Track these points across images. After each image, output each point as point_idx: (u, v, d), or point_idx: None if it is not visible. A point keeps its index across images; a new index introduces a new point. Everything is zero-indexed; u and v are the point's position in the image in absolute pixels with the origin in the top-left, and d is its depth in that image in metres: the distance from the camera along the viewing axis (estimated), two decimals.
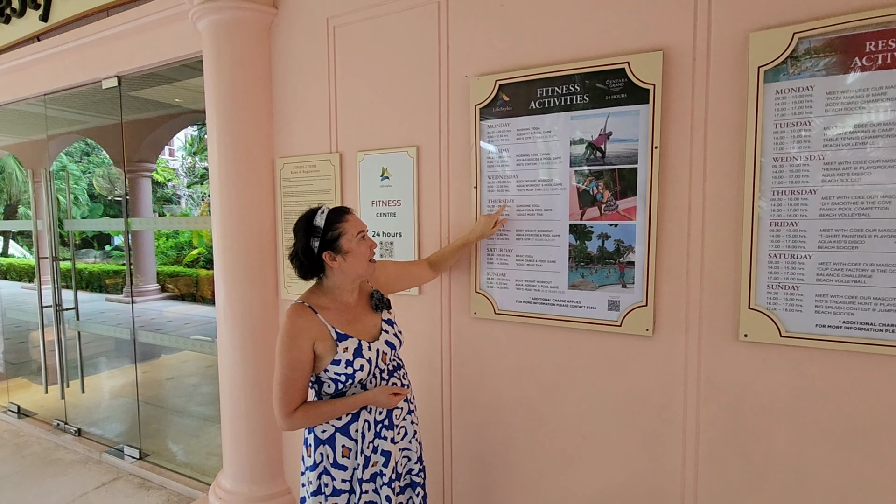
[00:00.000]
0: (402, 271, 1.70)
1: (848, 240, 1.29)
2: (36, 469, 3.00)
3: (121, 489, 2.76)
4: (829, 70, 1.28)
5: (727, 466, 1.46)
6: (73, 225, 3.32)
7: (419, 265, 1.74)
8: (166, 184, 17.77)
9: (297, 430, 1.39)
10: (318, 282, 1.46)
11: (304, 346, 1.34)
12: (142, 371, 4.94)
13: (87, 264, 11.69)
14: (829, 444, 1.33)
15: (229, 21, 2.12)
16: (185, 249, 12.91)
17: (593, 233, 1.60)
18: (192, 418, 3.84)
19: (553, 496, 1.74)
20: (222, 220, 2.20)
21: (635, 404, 1.58)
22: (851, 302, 1.29)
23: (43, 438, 3.41)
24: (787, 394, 1.37)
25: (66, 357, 3.39)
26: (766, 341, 1.38)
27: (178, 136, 18.99)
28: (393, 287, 1.65)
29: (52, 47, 2.96)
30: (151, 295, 8.55)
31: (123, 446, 3.08)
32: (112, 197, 15.25)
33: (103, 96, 3.50)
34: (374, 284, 1.56)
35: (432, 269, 1.74)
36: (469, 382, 1.87)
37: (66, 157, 15.56)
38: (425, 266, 1.74)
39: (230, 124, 2.16)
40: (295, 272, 1.42)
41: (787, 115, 1.33)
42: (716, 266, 1.44)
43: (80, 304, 3.45)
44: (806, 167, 1.32)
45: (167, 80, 3.10)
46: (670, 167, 1.47)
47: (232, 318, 2.22)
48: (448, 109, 1.81)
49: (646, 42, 1.48)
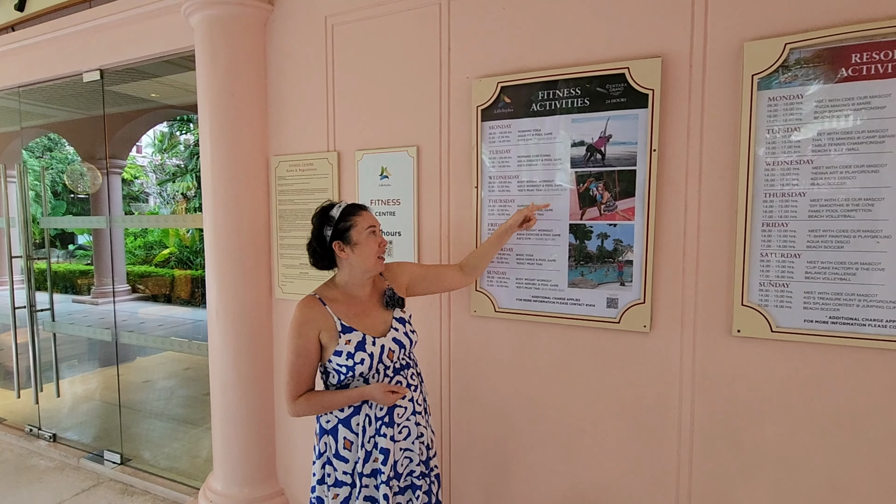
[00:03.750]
0: (429, 274, 1.65)
1: (834, 240, 1.37)
2: (9, 477, 2.88)
3: (102, 495, 2.68)
4: (818, 79, 1.36)
5: (720, 456, 1.53)
6: (51, 223, 3.20)
7: (448, 270, 1.68)
8: (133, 181, 17.21)
9: (300, 416, 1.44)
10: (332, 277, 1.52)
11: (311, 335, 1.40)
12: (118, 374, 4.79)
13: (52, 264, 11.20)
14: (816, 433, 1.42)
15: (224, 16, 2.09)
16: (154, 249, 12.51)
17: (593, 232, 1.64)
18: (172, 421, 3.74)
19: (552, 489, 1.79)
20: (215, 218, 2.16)
21: (632, 398, 1.63)
22: (837, 298, 1.37)
23: (15, 445, 3.26)
24: (778, 386, 1.45)
25: (41, 360, 3.26)
26: (757, 336, 1.45)
27: (147, 133, 18.41)
28: (418, 289, 1.62)
29: (29, 37, 2.84)
30: (122, 296, 8.27)
31: (103, 451, 2.98)
32: (78, 194, 14.66)
33: (79, 90, 3.38)
34: (395, 286, 1.56)
35: (464, 274, 1.67)
36: (469, 379, 1.89)
37: (27, 153, 14.86)
38: (455, 270, 1.67)
39: (223, 121, 2.13)
40: (308, 260, 1.49)
41: (779, 121, 1.40)
42: (710, 264, 1.50)
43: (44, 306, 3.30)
44: (796, 171, 1.39)
45: (150, 76, 3.02)
46: (668, 169, 1.53)
47: (225, 317, 2.18)
48: (449, 110, 1.83)
49: (645, 49, 1.54)
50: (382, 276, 1.56)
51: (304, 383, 1.43)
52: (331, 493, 1.45)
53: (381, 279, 1.56)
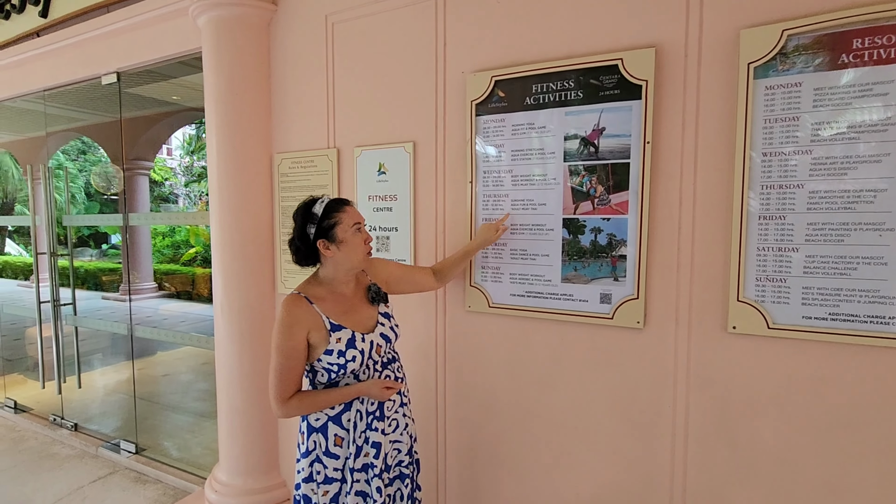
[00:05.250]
0: (405, 275, 1.68)
1: (834, 233, 1.31)
2: (32, 463, 3.00)
3: (117, 483, 2.77)
4: (818, 66, 1.31)
5: (715, 455, 1.49)
6: (72, 221, 3.33)
7: (423, 272, 1.72)
8: (164, 183, 17.78)
9: (291, 417, 1.40)
10: (315, 273, 1.49)
11: (299, 335, 1.37)
12: (138, 368, 4.93)
13: (83, 262, 11.67)
14: (814, 433, 1.36)
15: (229, 17, 2.14)
16: (181, 248, 12.90)
17: (586, 227, 1.62)
18: (187, 414, 3.85)
19: (545, 487, 1.77)
20: (220, 215, 2.21)
21: (626, 395, 1.60)
22: (837, 294, 1.32)
23: (39, 433, 3.41)
24: (774, 384, 1.40)
25: (64, 353, 3.40)
26: (754, 333, 1.40)
27: (176, 136, 19.02)
28: (393, 288, 1.64)
29: (52, 43, 2.97)
30: (148, 293, 8.53)
31: (120, 441, 3.09)
32: (109, 195, 15.24)
33: (101, 93, 3.51)
34: (376, 282, 1.57)
35: (436, 279, 1.72)
36: (463, 375, 1.89)
37: (63, 156, 15.54)
38: (429, 274, 1.72)
39: (229, 120, 2.18)
40: (291, 258, 1.45)
41: (776, 111, 1.36)
42: (705, 259, 1.46)
43: (77, 302, 3.46)
44: (794, 162, 1.34)
45: (165, 77, 3.11)
46: (662, 162, 1.50)
47: (229, 312, 2.23)
48: (444, 105, 1.84)
49: (639, 39, 1.51)
50: (364, 272, 1.57)
51: (294, 384, 1.38)
52: (320, 490, 1.43)
53: (364, 274, 1.56)
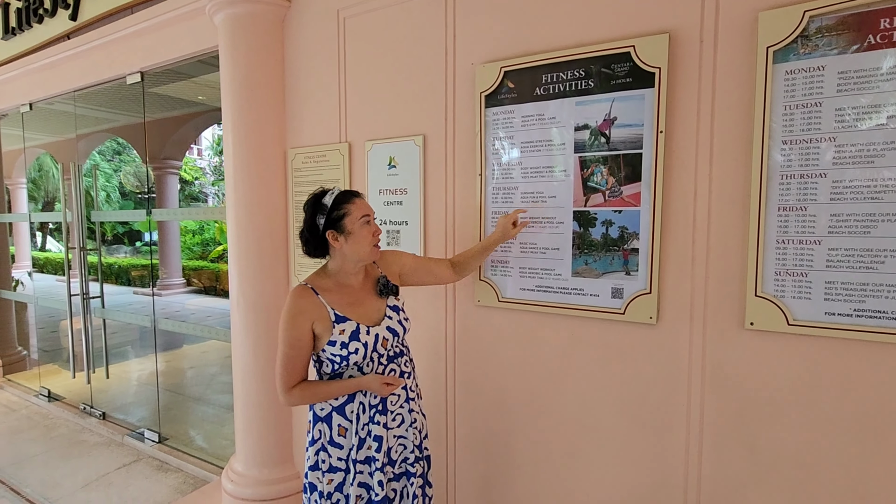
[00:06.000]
0: (422, 266, 1.66)
1: (860, 224, 1.24)
2: (63, 449, 3.13)
3: (140, 470, 2.86)
4: (842, 49, 1.24)
5: (732, 458, 1.43)
6: (99, 216, 3.45)
7: (441, 264, 1.69)
8: (194, 182, 18.31)
9: (295, 405, 1.42)
10: (324, 265, 1.50)
11: (304, 325, 1.37)
12: (164, 360, 5.11)
13: (117, 259, 12.12)
14: (837, 436, 1.29)
15: (244, 15, 2.17)
16: (209, 245, 13.27)
17: (597, 220, 1.58)
18: (209, 406, 3.94)
19: (555, 485, 1.73)
20: (236, 209, 2.25)
21: (638, 393, 1.56)
22: (863, 289, 1.25)
23: (70, 421, 3.55)
24: (795, 384, 1.33)
25: (93, 344, 3.53)
26: (772, 330, 1.34)
27: (206, 137, 19.53)
28: (409, 280, 1.63)
29: (81, 45, 3.08)
30: (177, 288, 8.80)
31: (144, 430, 3.18)
32: (141, 193, 15.77)
33: (129, 93, 3.63)
34: (388, 274, 1.56)
35: (454, 271, 1.69)
36: (473, 369, 1.87)
37: (99, 156, 16.16)
38: (447, 266, 1.69)
39: (244, 116, 2.21)
40: (301, 248, 1.46)
41: (797, 97, 1.29)
42: (722, 252, 1.41)
43: (110, 297, 3.59)
44: (816, 150, 1.28)
45: (186, 77, 3.19)
46: (676, 152, 1.45)
47: (245, 305, 2.27)
48: (454, 98, 1.82)
49: (652, 25, 1.46)
50: (375, 264, 1.56)
51: (298, 374, 1.40)
52: (325, 479, 1.45)
53: (374, 267, 1.55)
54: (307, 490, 1.48)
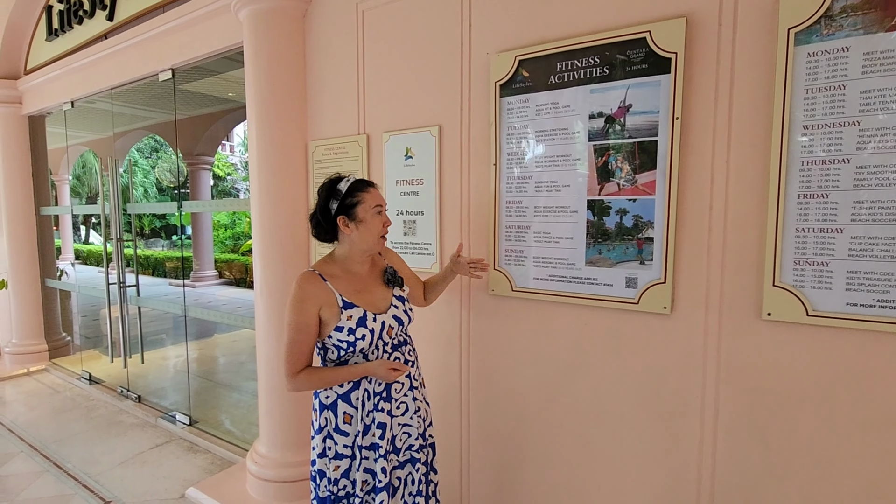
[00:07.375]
0: (410, 280, 1.72)
1: (884, 212, 1.19)
2: (102, 429, 3.31)
3: (171, 451, 3.00)
4: (868, 28, 1.19)
5: (747, 452, 1.40)
6: (134, 209, 3.61)
7: (419, 286, 1.77)
8: (226, 177, 18.85)
9: (300, 391, 1.44)
10: (332, 251, 1.53)
11: (311, 310, 1.40)
12: (196, 348, 5.31)
13: (154, 251, 12.63)
14: (858, 431, 1.25)
15: (267, 10, 2.23)
16: (240, 239, 13.66)
17: (611, 208, 1.57)
18: (237, 392, 4.08)
19: (567, 475, 1.73)
20: (260, 201, 2.32)
21: (652, 384, 1.54)
22: (888, 279, 1.20)
23: (109, 403, 3.74)
24: (814, 377, 1.29)
25: (129, 331, 3.70)
26: (791, 320, 1.30)
27: (238, 133, 20.04)
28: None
29: (117, 44, 3.22)
30: (209, 280, 9.11)
31: (176, 413, 3.33)
32: (176, 188, 16.34)
33: (161, 91, 3.77)
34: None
35: (425, 296, 1.78)
36: (486, 359, 1.89)
37: (138, 153, 16.83)
38: (422, 288, 1.78)
39: (268, 109, 2.27)
40: (311, 231, 1.49)
41: (820, 80, 1.24)
42: (739, 241, 1.37)
43: (147, 287, 3.76)
44: (839, 134, 1.23)
45: (214, 73, 3.29)
46: (692, 139, 1.42)
47: (268, 294, 2.34)
48: (469, 88, 1.83)
49: (668, 9, 1.43)
50: (381, 255, 1.59)
51: (304, 359, 1.41)
52: (332, 465, 1.47)
53: (381, 257, 1.59)
54: (316, 478, 1.50)
